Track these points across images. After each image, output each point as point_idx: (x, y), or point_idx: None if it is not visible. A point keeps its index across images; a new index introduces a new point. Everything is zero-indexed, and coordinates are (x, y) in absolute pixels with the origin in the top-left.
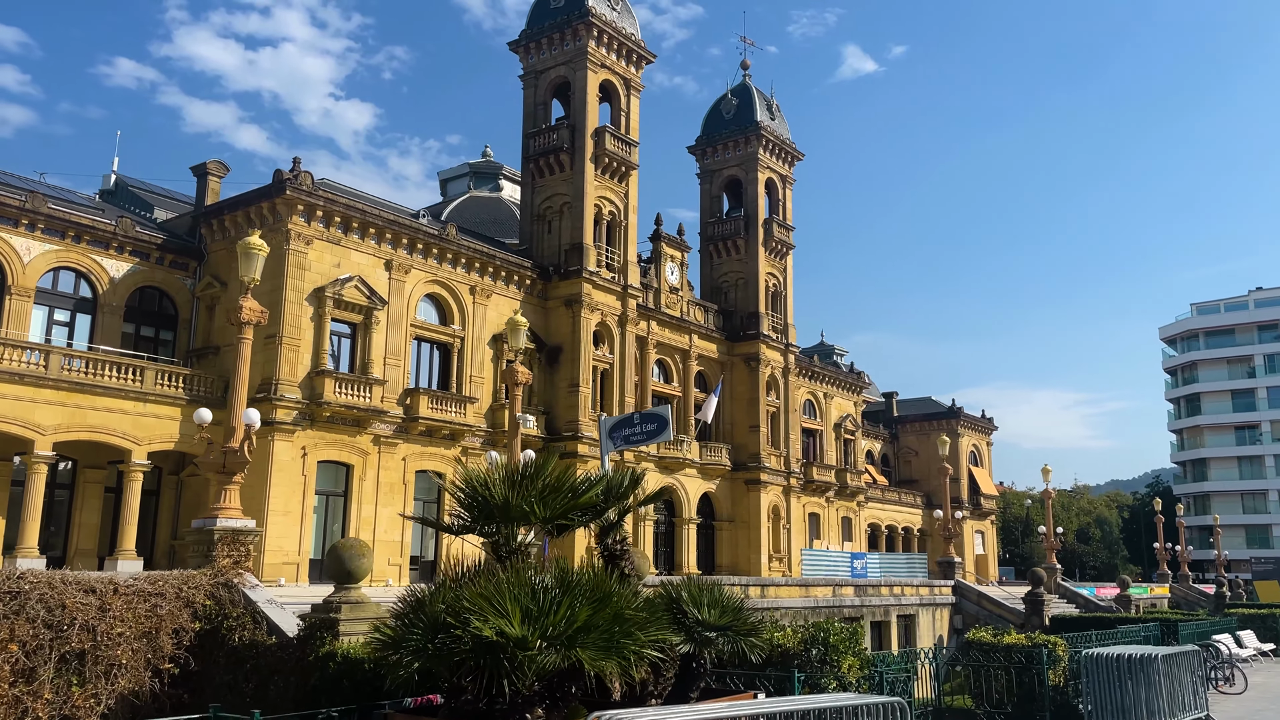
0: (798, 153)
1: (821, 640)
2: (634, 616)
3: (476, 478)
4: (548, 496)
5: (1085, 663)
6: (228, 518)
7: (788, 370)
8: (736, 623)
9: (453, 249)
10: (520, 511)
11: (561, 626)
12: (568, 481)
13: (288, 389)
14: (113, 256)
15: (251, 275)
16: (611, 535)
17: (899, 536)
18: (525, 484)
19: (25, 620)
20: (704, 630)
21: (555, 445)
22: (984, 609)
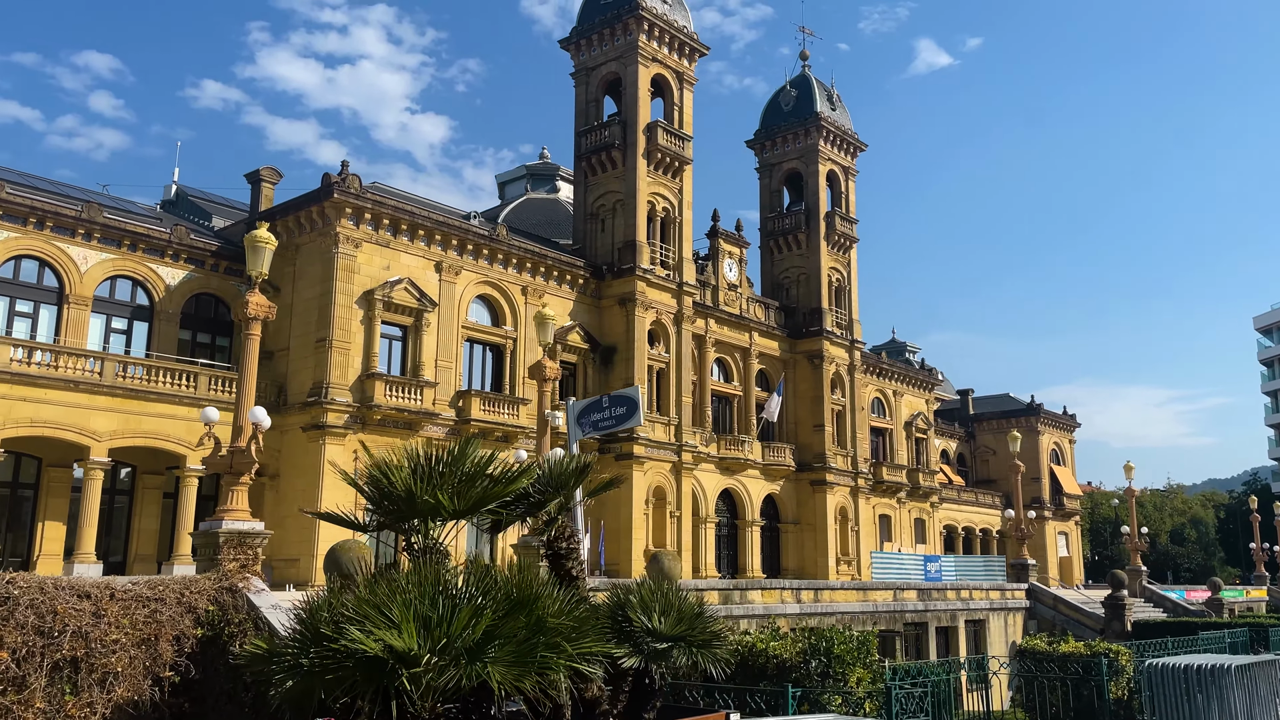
0: (860, 143)
1: (823, 650)
2: (559, 625)
3: (378, 466)
4: (464, 487)
5: (1149, 674)
6: (234, 520)
7: (853, 367)
8: (691, 632)
9: (503, 249)
10: (427, 504)
11: (463, 637)
12: (490, 470)
13: (338, 392)
14: (168, 264)
15: (259, 269)
16: (554, 531)
17: (976, 539)
18: (437, 472)
19: (14, 626)
20: (654, 641)
21: (610, 447)
22: (1060, 614)
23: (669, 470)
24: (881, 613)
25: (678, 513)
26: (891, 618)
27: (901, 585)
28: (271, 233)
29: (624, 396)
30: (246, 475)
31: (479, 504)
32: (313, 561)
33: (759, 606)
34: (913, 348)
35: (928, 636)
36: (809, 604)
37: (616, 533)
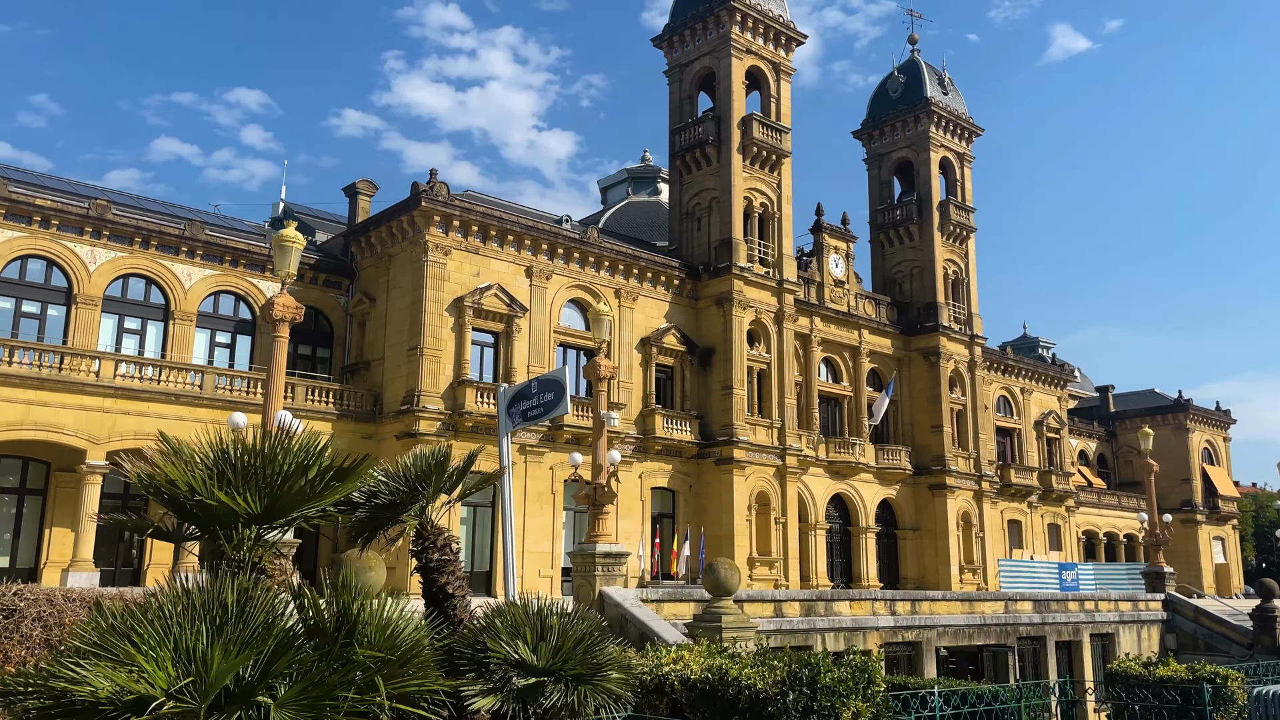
0: (975, 128)
1: (805, 681)
2: (371, 658)
3: (161, 459)
4: (282, 486)
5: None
6: None
7: (973, 364)
8: (569, 663)
9: (594, 252)
10: (224, 508)
11: (234, 675)
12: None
13: (430, 400)
14: (268, 279)
15: (287, 269)
16: (427, 540)
17: (1120, 545)
18: (245, 468)
19: (19, 640)
20: (521, 675)
21: (710, 451)
22: (1202, 627)
23: (772, 475)
24: (990, 626)
25: (783, 519)
26: (1002, 632)
27: (1014, 596)
28: (366, 244)
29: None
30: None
31: (290, 507)
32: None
33: (845, 619)
34: (1046, 343)
35: (1046, 652)
36: (905, 617)
37: (718, 540)
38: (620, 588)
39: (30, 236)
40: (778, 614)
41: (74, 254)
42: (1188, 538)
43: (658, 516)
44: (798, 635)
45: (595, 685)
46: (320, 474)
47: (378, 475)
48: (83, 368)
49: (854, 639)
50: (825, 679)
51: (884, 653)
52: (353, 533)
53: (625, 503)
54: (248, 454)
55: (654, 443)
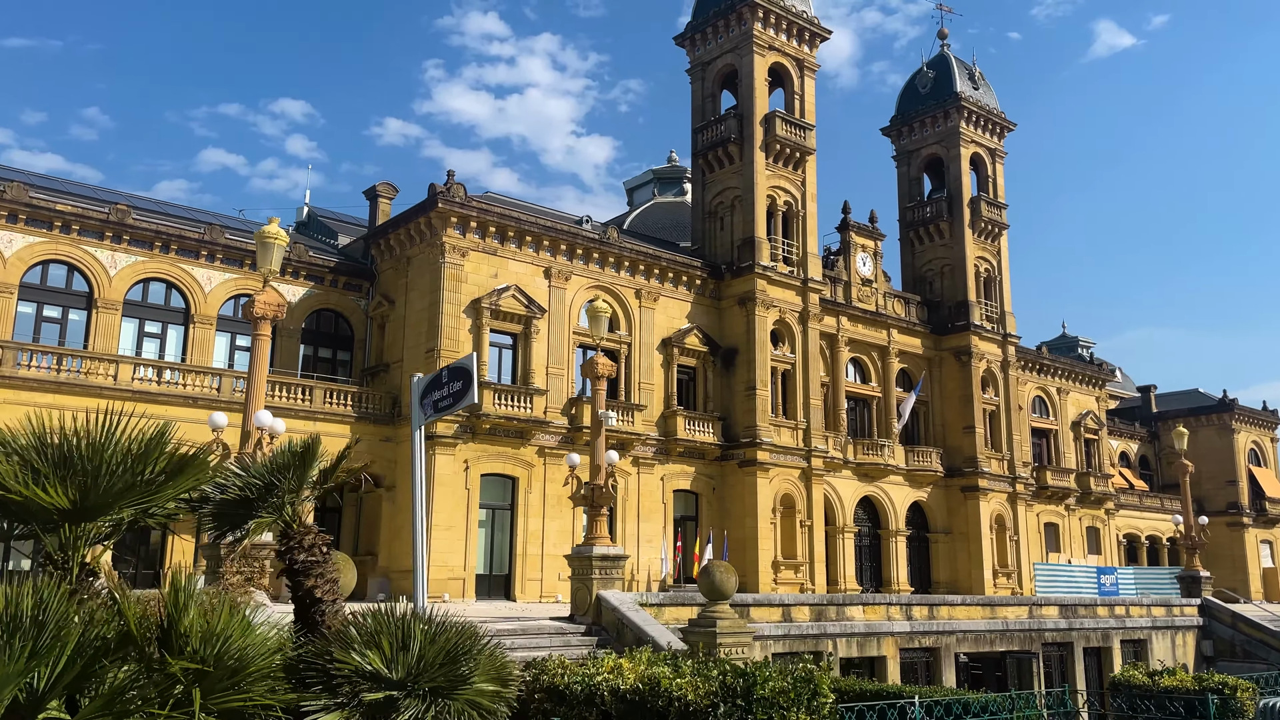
0: (1008, 123)
1: (740, 692)
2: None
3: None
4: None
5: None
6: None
7: (1007, 363)
8: (427, 677)
9: (614, 252)
10: (35, 503)
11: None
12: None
13: None
14: (288, 282)
15: (269, 266)
16: (292, 538)
17: (1162, 548)
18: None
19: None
20: (372, 687)
21: (733, 453)
22: (1240, 633)
23: (797, 477)
24: (1014, 632)
25: (808, 522)
26: (1026, 638)
27: (1039, 600)
28: (386, 246)
29: (460, 368)
30: None
31: (112, 503)
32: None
33: (859, 624)
34: (1086, 342)
35: (1073, 659)
36: (922, 622)
37: (741, 543)
38: (618, 591)
39: (51, 242)
40: (786, 619)
41: (95, 258)
42: (1234, 541)
43: (680, 519)
44: (807, 641)
45: (456, 699)
46: (155, 467)
47: (233, 469)
48: (100, 371)
49: (868, 645)
50: (763, 690)
51: (901, 659)
52: (210, 532)
53: (647, 505)
54: (67, 443)
55: (676, 444)
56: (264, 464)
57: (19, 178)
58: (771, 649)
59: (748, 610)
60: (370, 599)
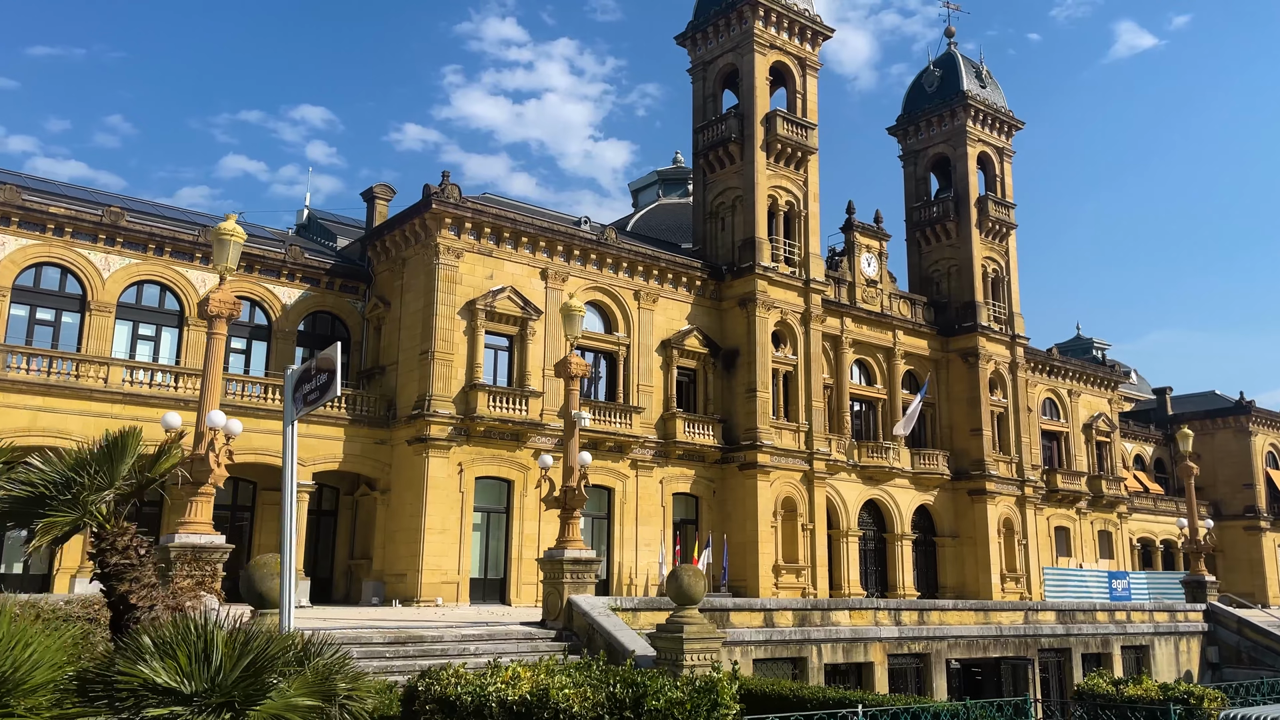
0: (1015, 121)
1: (629, 703)
2: None
3: None
4: None
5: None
6: (191, 533)
7: (1015, 365)
8: (223, 690)
9: (612, 253)
10: None
11: None
12: None
13: (441, 404)
14: (284, 284)
15: (225, 264)
16: (106, 540)
17: (1178, 553)
18: None
19: None
20: (157, 703)
21: (734, 456)
22: (1246, 639)
23: (799, 480)
24: (1008, 637)
25: (810, 525)
26: (1021, 643)
27: (1035, 605)
28: (382, 248)
29: (326, 359)
30: (207, 485)
31: None
32: (418, 576)
33: (844, 630)
34: (1100, 344)
35: (1071, 665)
36: (911, 627)
37: (742, 547)
38: (590, 595)
39: (44, 244)
40: (768, 624)
41: (88, 260)
42: (1251, 545)
43: (680, 523)
44: (790, 646)
45: (254, 714)
46: None
47: (35, 463)
48: (91, 374)
49: (854, 651)
50: (654, 702)
51: (889, 665)
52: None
53: (645, 509)
54: None
55: (675, 447)
56: (68, 459)
57: (10, 180)
58: (753, 655)
59: (727, 615)
60: (364, 602)
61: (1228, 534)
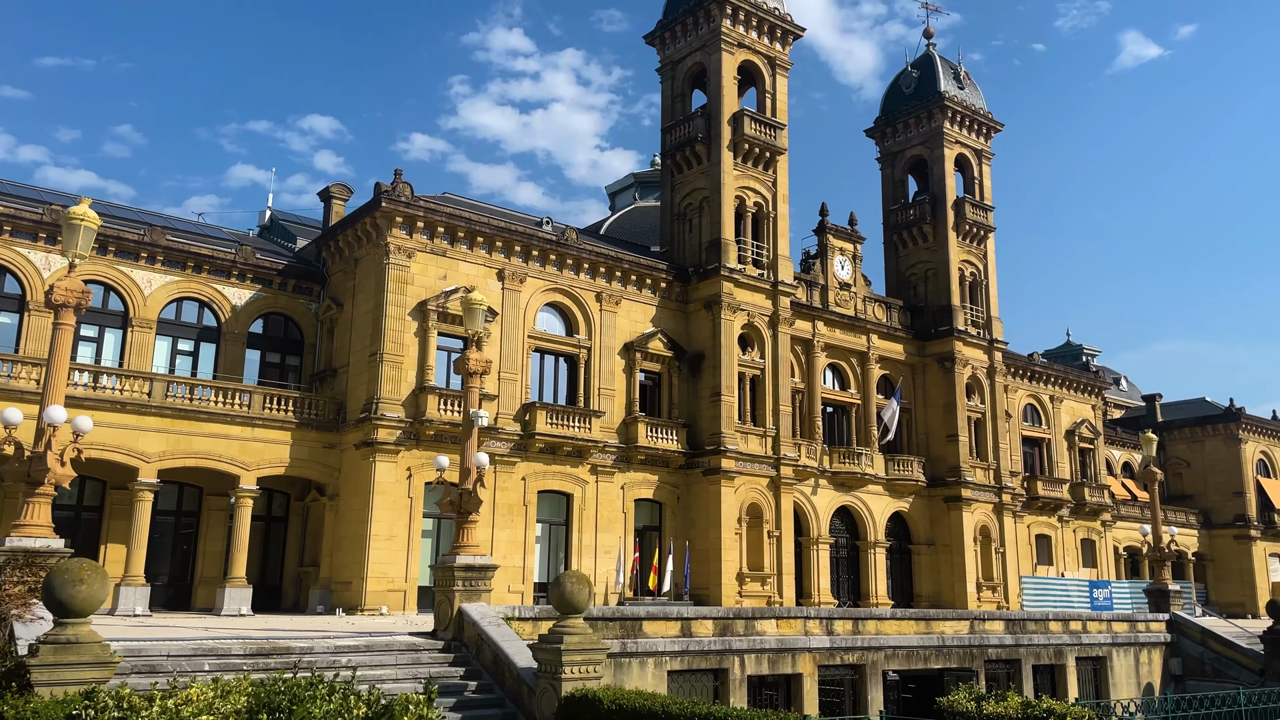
0: (994, 123)
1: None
2: None
3: None
4: None
5: None
6: (25, 536)
7: (993, 370)
8: None
9: (572, 254)
10: None
11: None
12: None
13: (389, 407)
14: (234, 285)
15: (75, 250)
16: None
17: None
18: None
19: None
20: None
21: (698, 461)
22: (1210, 650)
23: (765, 486)
24: (952, 648)
25: (776, 533)
26: (966, 654)
27: (981, 615)
28: (336, 248)
29: None
30: (46, 485)
31: None
32: (363, 584)
33: (769, 640)
34: (1090, 350)
35: (1021, 678)
36: (845, 637)
37: (706, 555)
38: (482, 604)
39: None
40: (685, 633)
41: (28, 260)
42: (1241, 555)
43: (642, 529)
44: (709, 658)
45: None
46: None
47: None
48: (23, 375)
49: (780, 662)
50: (302, 713)
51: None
52: None
53: (606, 515)
54: None
55: (637, 452)
56: None
57: None
58: (668, 666)
59: (640, 625)
60: (310, 611)
61: (1218, 543)
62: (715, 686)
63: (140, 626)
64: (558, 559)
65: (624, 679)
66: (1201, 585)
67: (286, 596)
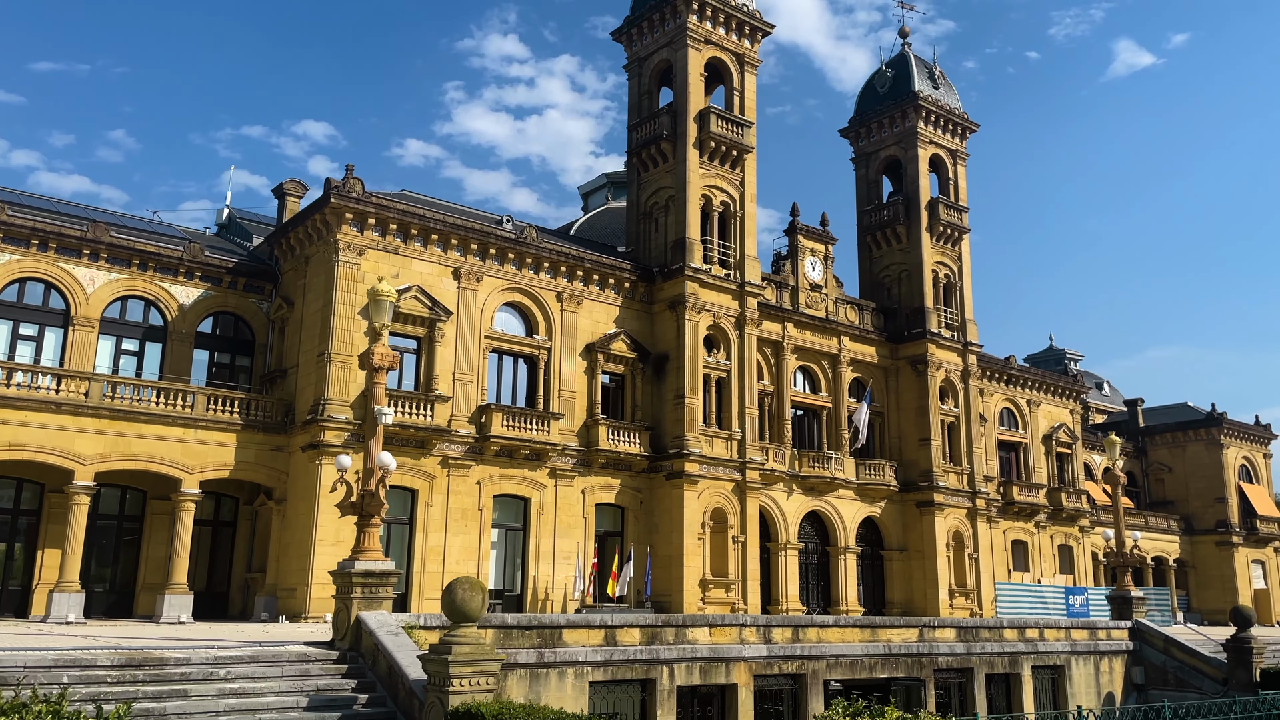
0: (970, 123)
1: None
2: None
3: None
4: None
5: None
6: None
7: (967, 373)
8: None
9: (532, 253)
10: None
11: None
12: None
13: (336, 409)
14: (182, 283)
15: None
16: None
17: (1147, 569)
18: None
19: None
20: None
21: (661, 465)
22: (1173, 659)
23: (730, 490)
24: (899, 656)
25: (741, 538)
26: (914, 663)
27: (932, 622)
28: (287, 246)
29: None
30: None
31: None
32: (308, 591)
33: (701, 649)
34: (1073, 354)
35: (972, 687)
36: (783, 645)
37: (669, 560)
38: (382, 613)
39: None
40: (610, 642)
41: None
42: (1223, 561)
43: (604, 535)
44: (635, 667)
45: None
46: None
47: None
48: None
49: (713, 672)
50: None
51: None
52: None
53: (565, 520)
54: None
55: (598, 455)
56: None
57: None
58: (590, 676)
59: (559, 632)
60: (255, 618)
61: (1200, 549)
62: (643, 698)
63: (52, 635)
64: (515, 565)
65: (541, 691)
66: (1183, 592)
67: (234, 604)
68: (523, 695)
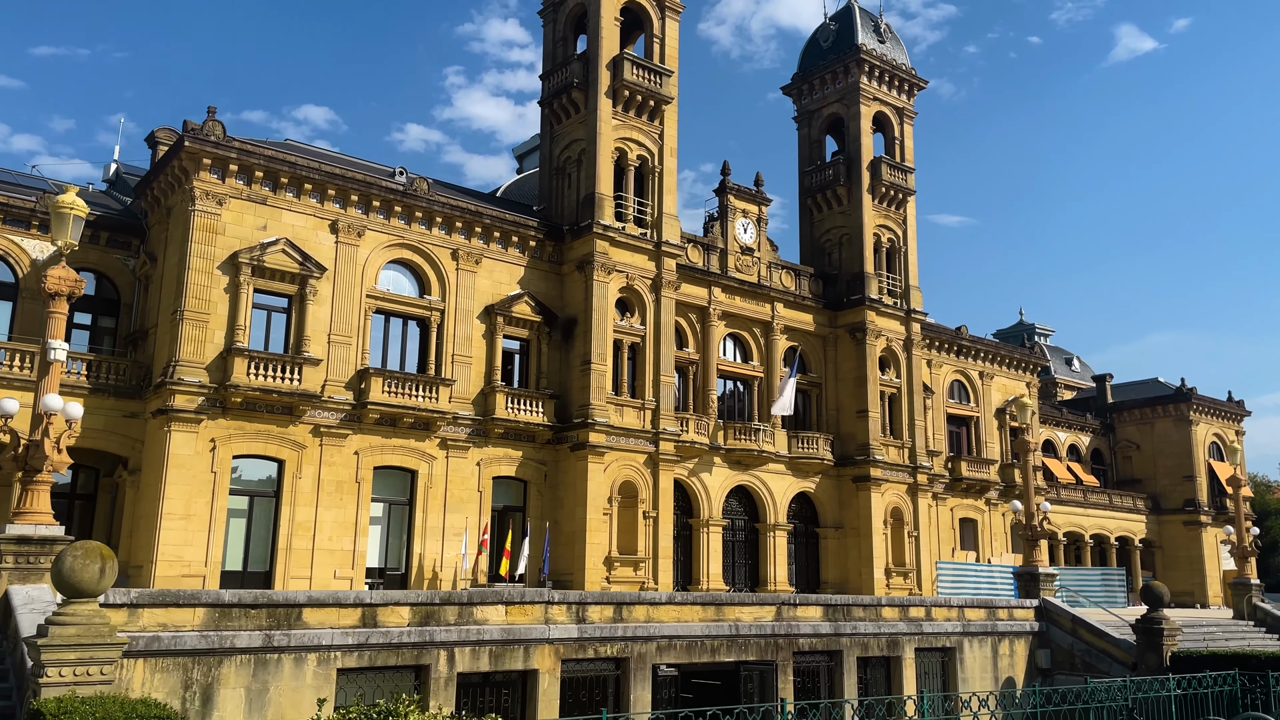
0: (918, 80)
1: None
2: None
3: None
4: None
5: None
6: None
7: (910, 342)
8: None
9: (423, 207)
10: None
11: None
12: None
13: (189, 371)
14: (35, 237)
15: None
16: None
17: (1111, 549)
18: None
19: None
20: None
21: (566, 435)
22: (1081, 641)
23: (642, 463)
24: (749, 637)
25: (653, 513)
26: (768, 645)
27: (793, 600)
28: (152, 198)
29: None
30: None
31: None
32: (153, 569)
33: (492, 630)
34: (1043, 329)
35: (841, 673)
36: (600, 625)
37: (571, 536)
38: (42, 586)
39: None
40: (368, 623)
41: None
42: (1191, 541)
43: (503, 510)
44: (403, 652)
45: None
46: None
47: None
48: None
49: (508, 656)
50: None
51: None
52: None
53: (457, 494)
54: None
55: (495, 425)
56: None
57: None
58: (339, 664)
59: (298, 611)
60: None
61: (1167, 529)
62: (415, 686)
63: None
64: (400, 541)
65: (269, 681)
66: (1149, 573)
67: None
68: (243, 687)
